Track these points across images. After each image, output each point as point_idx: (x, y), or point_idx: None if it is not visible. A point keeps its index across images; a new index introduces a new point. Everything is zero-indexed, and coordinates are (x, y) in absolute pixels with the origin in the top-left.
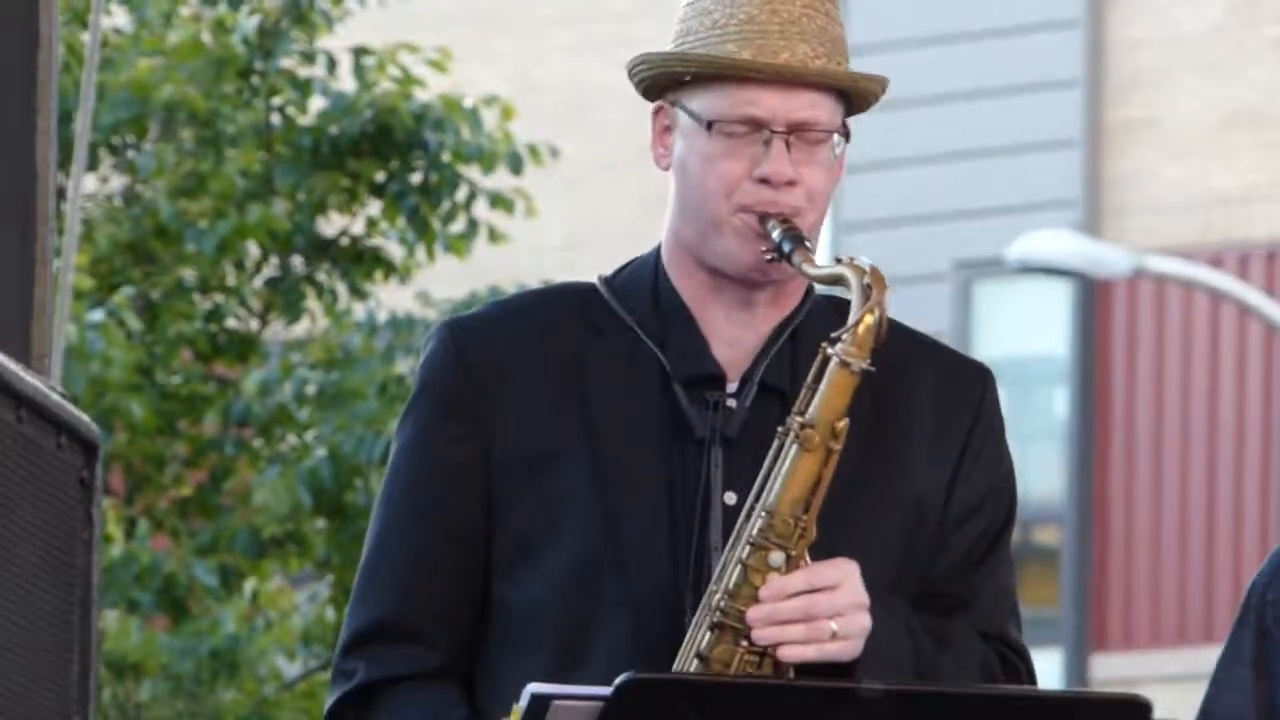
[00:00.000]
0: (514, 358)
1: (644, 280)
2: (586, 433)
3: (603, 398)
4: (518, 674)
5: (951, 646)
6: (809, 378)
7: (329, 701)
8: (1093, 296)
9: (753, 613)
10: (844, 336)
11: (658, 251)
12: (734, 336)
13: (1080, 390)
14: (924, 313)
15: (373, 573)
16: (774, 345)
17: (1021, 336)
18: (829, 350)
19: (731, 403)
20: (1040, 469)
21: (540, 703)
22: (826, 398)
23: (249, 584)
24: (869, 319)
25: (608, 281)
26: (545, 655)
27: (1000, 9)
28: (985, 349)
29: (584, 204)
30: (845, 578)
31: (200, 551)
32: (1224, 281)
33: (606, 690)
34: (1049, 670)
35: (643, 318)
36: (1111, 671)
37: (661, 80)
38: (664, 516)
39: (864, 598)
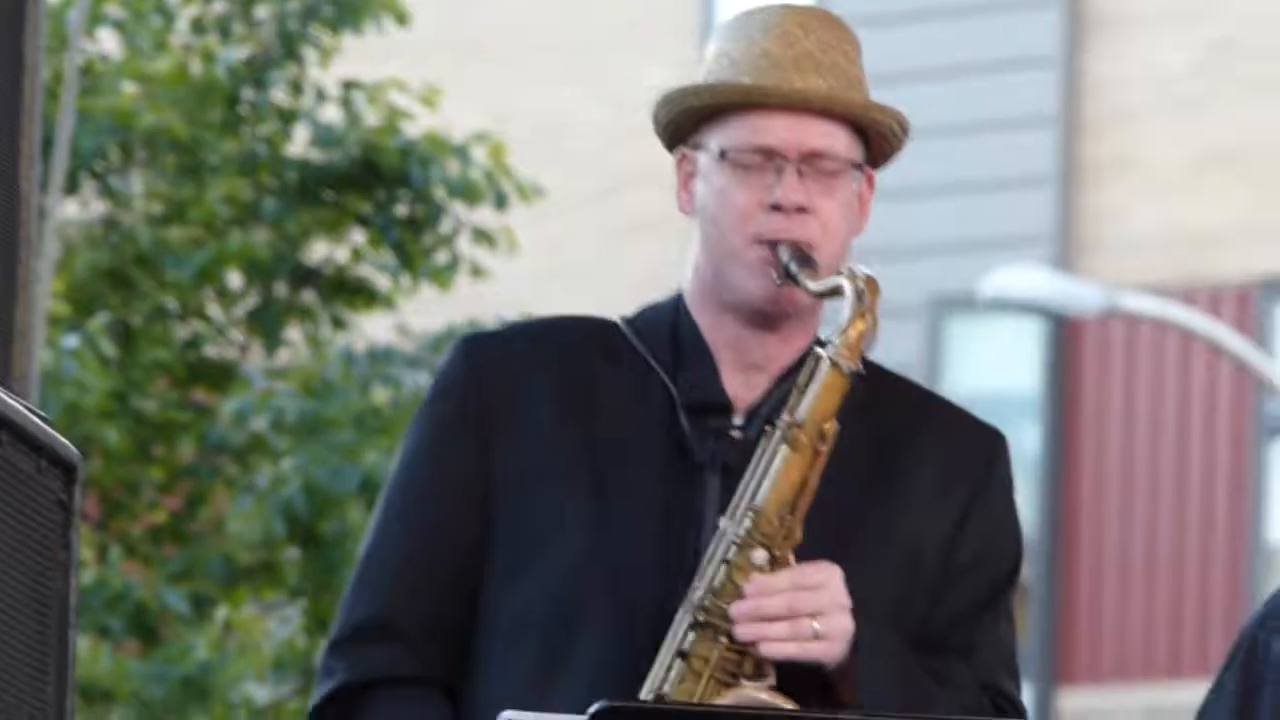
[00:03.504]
0: (526, 377)
1: (664, 317)
2: (588, 453)
3: (608, 420)
4: (501, 680)
5: (950, 684)
6: (800, 380)
7: (313, 698)
8: (1064, 333)
9: (736, 608)
10: (835, 339)
11: (679, 294)
12: (747, 375)
13: (1051, 426)
14: (895, 347)
15: (366, 573)
16: (785, 381)
17: (992, 372)
18: (820, 351)
19: (736, 433)
20: None
21: None
22: (817, 398)
23: (221, 611)
24: (860, 323)
25: (627, 319)
26: (529, 662)
27: (975, 45)
28: (956, 384)
29: (558, 234)
30: (829, 579)
31: (173, 579)
32: (1196, 320)
33: (580, 718)
34: None
35: (657, 349)
36: (1078, 705)
37: (681, 122)
38: (657, 535)
39: (846, 600)
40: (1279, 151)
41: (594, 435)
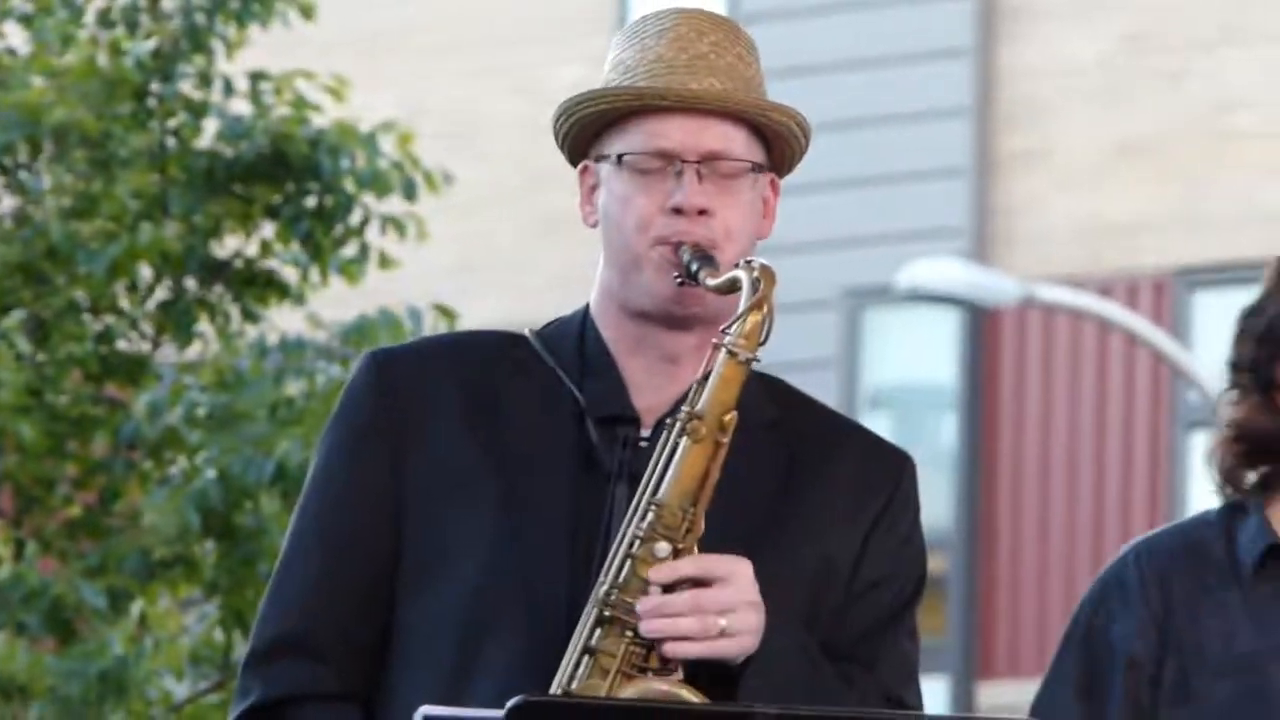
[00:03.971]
0: (434, 390)
1: (571, 330)
2: (496, 463)
3: (516, 431)
4: (413, 690)
5: (854, 686)
6: (699, 374)
7: (230, 717)
8: (981, 325)
9: (642, 604)
10: (732, 328)
11: (586, 306)
12: (655, 386)
13: (968, 418)
14: (813, 340)
15: (278, 590)
16: (692, 391)
17: (909, 364)
18: (717, 342)
19: (644, 443)
20: (928, 496)
21: None
22: (715, 390)
23: (137, 606)
24: (756, 313)
25: (536, 331)
26: (440, 670)
27: (890, 36)
28: (873, 376)
29: (473, 229)
30: (736, 574)
31: (89, 573)
32: (1112, 311)
33: (498, 713)
34: (935, 698)
35: (565, 361)
36: (997, 699)
37: (580, 133)
38: (565, 542)
39: (755, 596)
40: (1193, 142)
41: (502, 447)
